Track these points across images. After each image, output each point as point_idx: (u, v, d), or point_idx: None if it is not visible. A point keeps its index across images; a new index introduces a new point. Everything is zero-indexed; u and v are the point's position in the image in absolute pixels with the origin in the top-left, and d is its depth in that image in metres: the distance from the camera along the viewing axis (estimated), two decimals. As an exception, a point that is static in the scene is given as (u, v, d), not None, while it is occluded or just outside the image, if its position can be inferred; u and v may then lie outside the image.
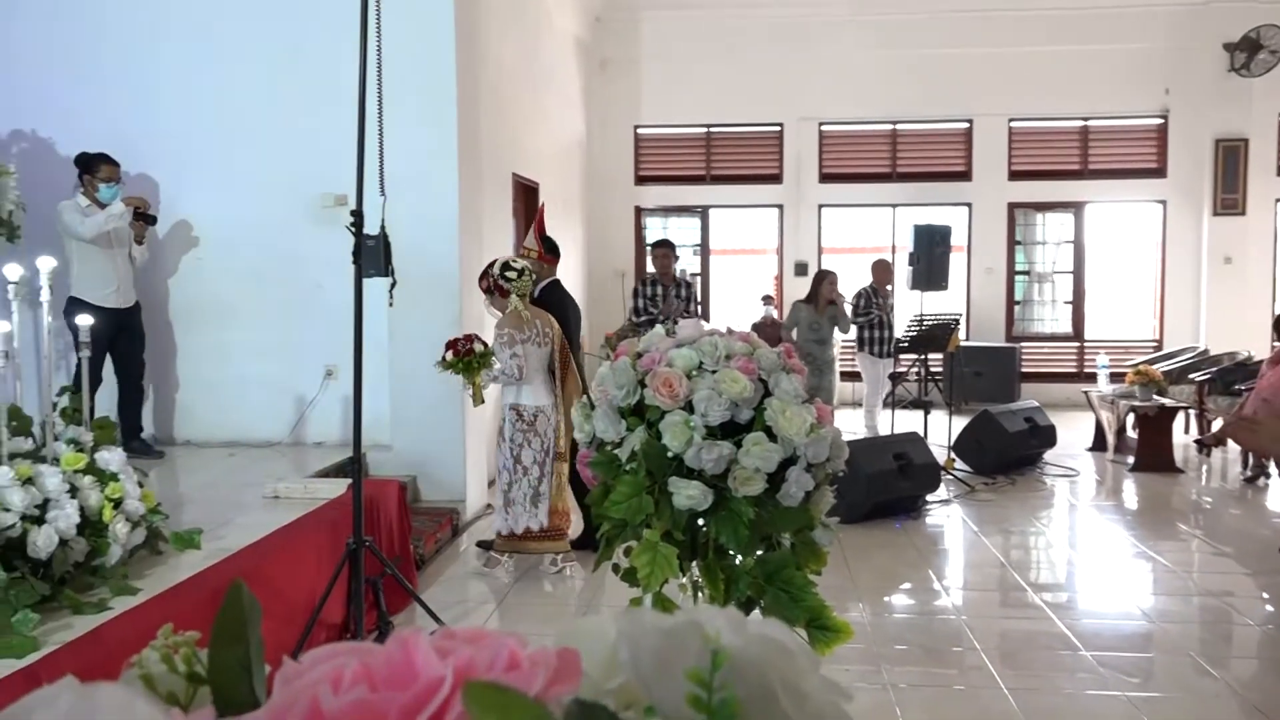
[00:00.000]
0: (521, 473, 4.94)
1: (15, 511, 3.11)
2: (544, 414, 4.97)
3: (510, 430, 4.95)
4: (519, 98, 7.92)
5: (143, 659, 0.46)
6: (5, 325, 3.39)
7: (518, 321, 4.89)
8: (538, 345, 4.93)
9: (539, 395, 4.97)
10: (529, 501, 4.94)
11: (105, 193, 5.77)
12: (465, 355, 4.71)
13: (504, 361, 4.83)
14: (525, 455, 4.94)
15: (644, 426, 1.99)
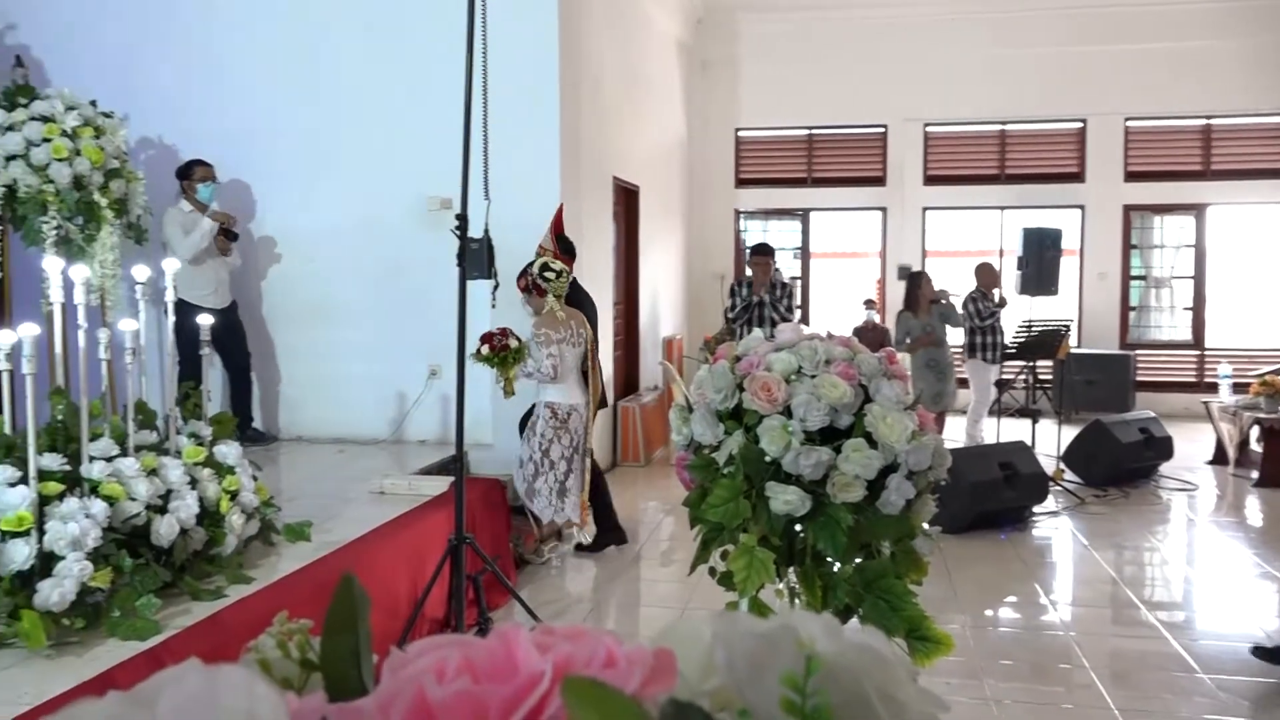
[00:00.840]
0: (549, 466, 5.08)
1: (140, 501, 3.27)
2: (577, 412, 5.12)
3: (542, 426, 5.08)
4: (620, 101, 7.98)
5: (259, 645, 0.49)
6: (133, 324, 3.57)
7: (554, 322, 5.00)
8: (573, 345, 5.06)
9: (573, 394, 5.11)
10: (554, 495, 5.08)
11: (203, 191, 6.07)
12: (500, 350, 4.84)
13: (540, 361, 4.95)
14: (554, 450, 5.08)
15: (742, 430, 1.98)
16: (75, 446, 3.27)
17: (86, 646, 2.96)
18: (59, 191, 5.35)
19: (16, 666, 2.83)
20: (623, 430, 8.03)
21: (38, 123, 5.34)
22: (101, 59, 6.46)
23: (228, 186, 6.35)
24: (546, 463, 5.07)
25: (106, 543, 3.09)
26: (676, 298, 10.65)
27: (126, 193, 5.76)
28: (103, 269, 5.56)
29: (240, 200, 6.48)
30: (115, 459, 3.32)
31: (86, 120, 5.53)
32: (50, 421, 3.35)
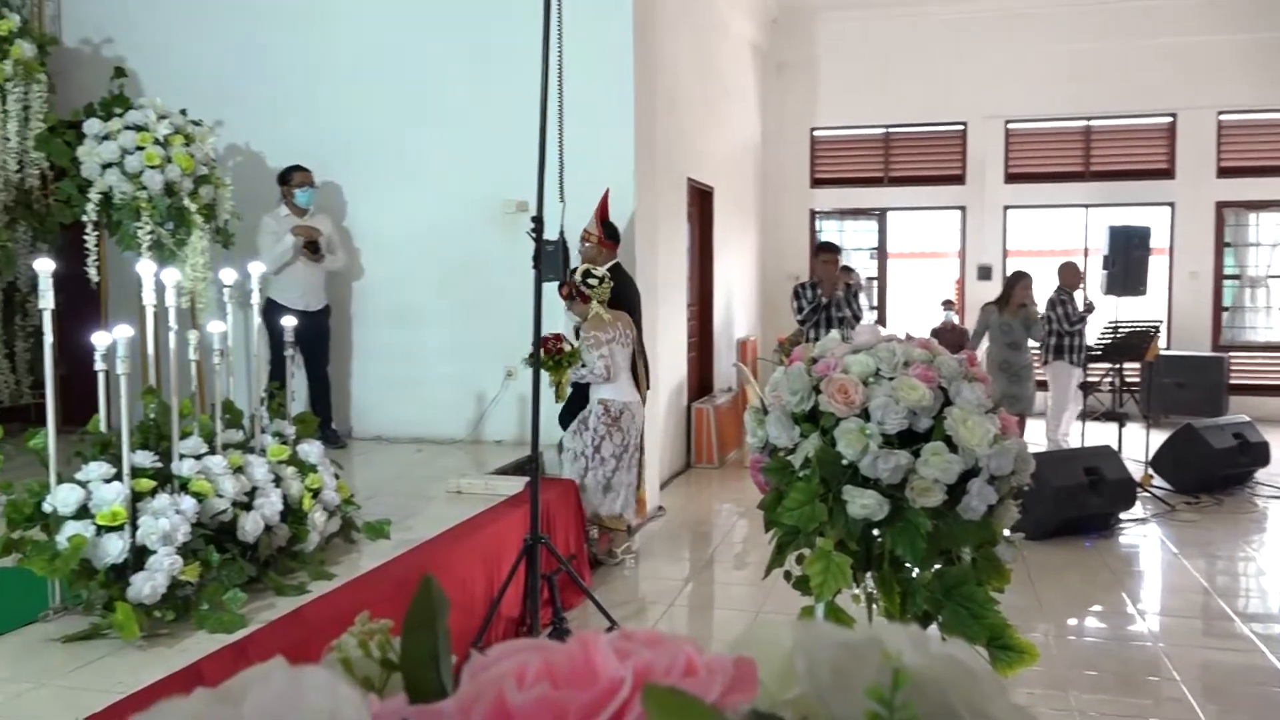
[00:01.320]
0: (599, 462, 5.14)
1: (227, 498, 3.37)
2: (629, 410, 5.19)
3: (594, 422, 5.14)
4: (694, 102, 7.97)
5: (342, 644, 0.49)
6: (221, 325, 3.68)
7: (601, 324, 5.09)
8: (622, 345, 5.16)
9: (626, 392, 5.20)
10: (600, 490, 5.15)
11: (300, 197, 6.22)
12: (554, 354, 4.97)
13: (592, 363, 5.04)
14: (605, 447, 5.14)
15: (818, 433, 1.96)
16: (166, 444, 3.38)
17: (176, 638, 3.05)
18: (151, 198, 5.54)
19: (111, 656, 2.93)
20: (696, 432, 8.01)
21: (131, 132, 5.54)
22: (193, 69, 6.67)
23: (321, 190, 6.50)
24: (597, 458, 5.15)
25: (195, 538, 3.19)
26: (750, 299, 10.60)
27: (215, 198, 5.95)
28: (193, 272, 5.74)
29: (330, 203, 6.62)
30: (204, 457, 3.42)
31: (177, 128, 5.72)
32: (143, 420, 3.47)
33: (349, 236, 6.68)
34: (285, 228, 6.18)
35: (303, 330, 6.18)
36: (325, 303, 6.41)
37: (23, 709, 2.63)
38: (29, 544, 3.05)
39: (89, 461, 3.17)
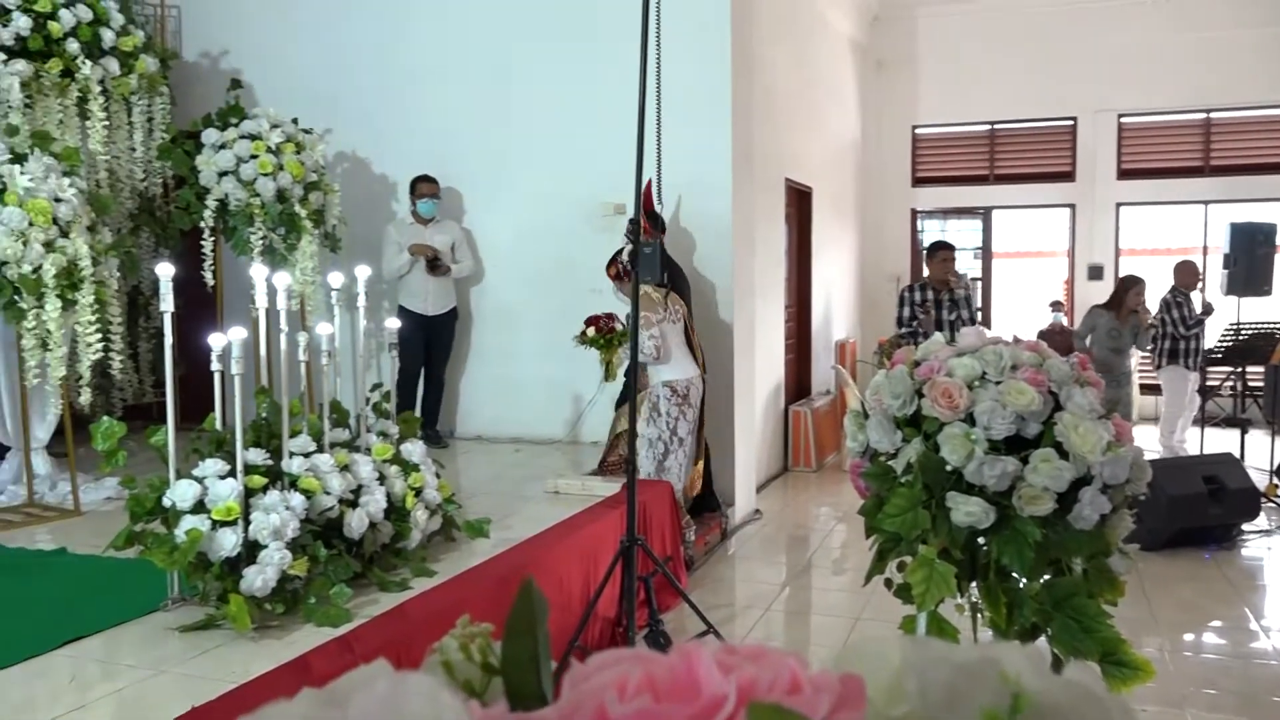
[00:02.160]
0: (678, 444, 5.15)
1: (334, 495, 3.47)
2: (694, 386, 5.21)
3: (665, 405, 5.13)
4: (792, 102, 7.89)
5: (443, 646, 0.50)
6: (329, 328, 3.79)
7: (650, 304, 5.06)
8: (672, 323, 5.15)
9: (686, 368, 5.20)
10: (684, 471, 5.18)
11: (423, 207, 6.37)
12: (606, 333, 5.01)
13: (642, 343, 4.98)
14: (681, 427, 5.16)
15: (921, 438, 1.91)
16: (277, 443, 3.49)
17: (285, 630, 3.15)
18: (264, 204, 5.75)
19: (225, 646, 3.05)
20: (794, 434, 7.93)
21: (246, 141, 5.76)
22: (303, 79, 6.89)
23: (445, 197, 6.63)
24: (675, 440, 5.17)
25: (304, 533, 3.29)
26: (850, 300, 10.44)
27: (324, 204, 6.13)
28: (302, 276, 5.93)
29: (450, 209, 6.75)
30: (312, 455, 3.52)
31: (289, 137, 5.92)
32: (255, 419, 3.59)
33: (475, 242, 6.79)
34: (406, 237, 6.36)
35: (427, 333, 6.40)
36: (450, 307, 6.57)
37: (144, 694, 2.75)
38: (150, 537, 3.18)
39: (205, 458, 3.30)
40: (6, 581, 3.70)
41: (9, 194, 4.26)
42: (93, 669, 2.93)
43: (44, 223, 4.32)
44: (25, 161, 4.44)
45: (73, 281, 4.45)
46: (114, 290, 5.03)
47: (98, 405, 5.34)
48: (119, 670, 2.91)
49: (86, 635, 3.12)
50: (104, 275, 4.75)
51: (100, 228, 4.83)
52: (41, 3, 5.13)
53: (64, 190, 4.49)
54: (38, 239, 4.30)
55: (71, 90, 5.39)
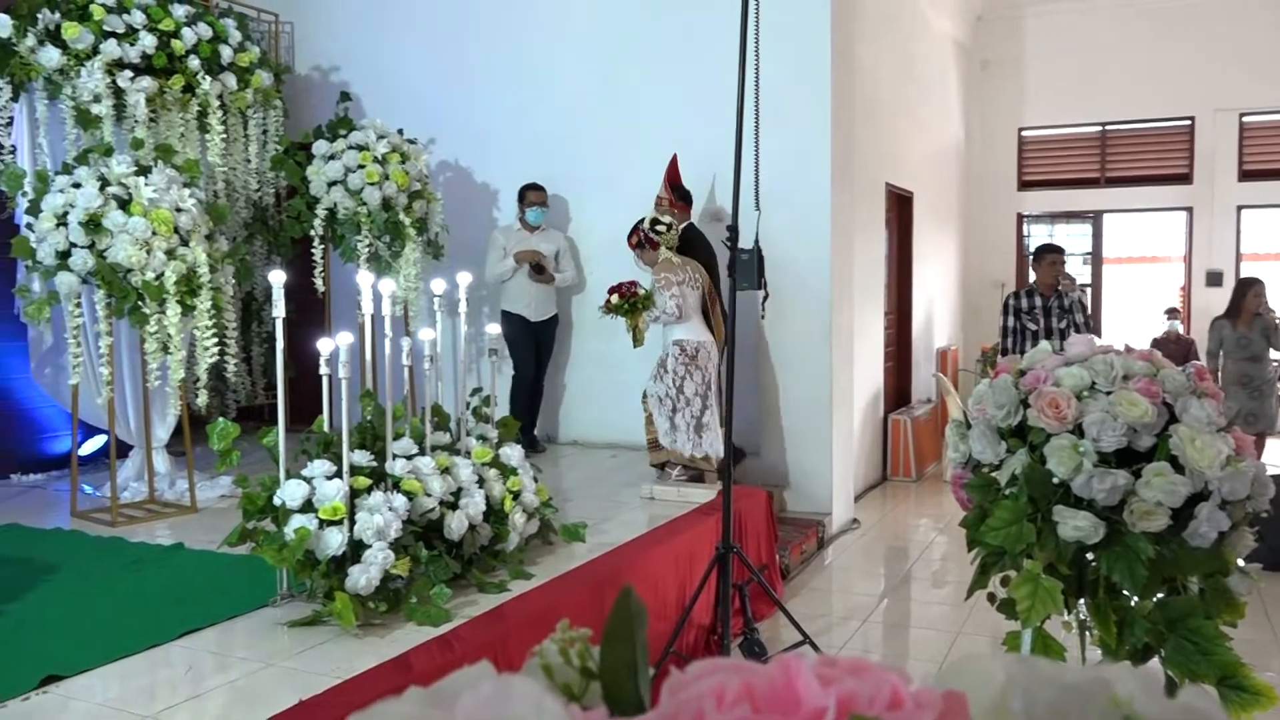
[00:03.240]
0: (684, 403, 5.27)
1: (435, 497, 3.54)
2: (704, 349, 5.31)
3: (673, 364, 5.29)
4: (893, 105, 7.77)
5: (543, 650, 0.50)
6: (431, 333, 3.87)
7: (670, 266, 5.30)
8: (692, 287, 5.31)
9: (699, 332, 5.33)
10: (692, 430, 5.25)
11: (531, 215, 6.46)
12: (630, 297, 5.17)
13: (664, 303, 5.21)
14: (687, 386, 5.27)
15: (1026, 449, 1.86)
16: (381, 445, 3.59)
17: (388, 628, 3.24)
18: (370, 213, 5.91)
19: (330, 642, 3.14)
20: (893, 444, 7.80)
21: (354, 151, 5.93)
22: (409, 90, 7.08)
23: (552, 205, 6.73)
24: (682, 399, 5.27)
25: (406, 534, 3.37)
26: (952, 307, 10.22)
27: (427, 212, 6.28)
28: (406, 283, 6.08)
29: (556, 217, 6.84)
30: (414, 457, 3.61)
31: (394, 147, 6.08)
32: (360, 421, 3.70)
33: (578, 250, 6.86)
34: (512, 243, 6.44)
35: (530, 337, 6.50)
36: (552, 314, 6.65)
37: (254, 686, 2.86)
38: (261, 534, 3.30)
39: (313, 459, 3.40)
40: (129, 575, 3.88)
41: (134, 204, 4.48)
42: (208, 660, 3.06)
43: (166, 232, 4.53)
44: (149, 173, 4.66)
45: (192, 288, 4.65)
46: (229, 296, 5.25)
47: (213, 406, 5.58)
48: (232, 662, 3.03)
49: (202, 628, 3.25)
50: (220, 282, 4.95)
51: (217, 236, 5.03)
52: (166, 22, 5.38)
53: (184, 201, 4.69)
54: (160, 247, 4.51)
55: (192, 105, 5.64)
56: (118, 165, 4.57)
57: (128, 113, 5.24)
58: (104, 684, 2.87)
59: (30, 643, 3.12)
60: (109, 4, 5.18)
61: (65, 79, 5.05)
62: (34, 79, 5.00)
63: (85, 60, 5.04)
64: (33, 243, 4.52)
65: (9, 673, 2.84)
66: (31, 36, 4.94)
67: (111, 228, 4.41)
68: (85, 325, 4.77)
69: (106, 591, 3.65)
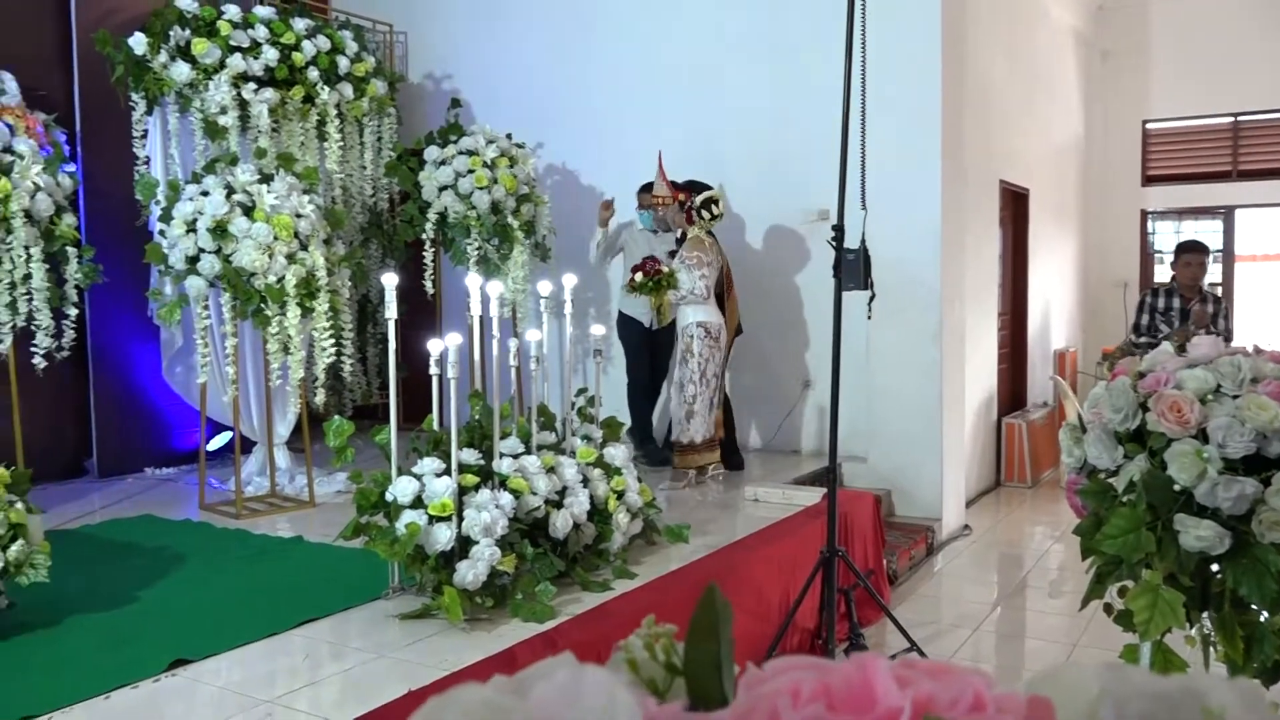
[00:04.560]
0: (705, 385, 5.33)
1: (541, 496, 3.59)
2: (722, 331, 5.46)
3: (699, 346, 5.32)
4: (1007, 99, 7.54)
5: (629, 644, 0.51)
6: (537, 334, 3.93)
7: (701, 246, 5.41)
8: (715, 269, 5.39)
9: (716, 314, 5.43)
10: (708, 412, 5.33)
11: (640, 218, 6.48)
12: (654, 275, 5.21)
13: (693, 283, 5.26)
14: (709, 369, 5.35)
15: (1145, 455, 1.78)
16: (488, 443, 3.66)
17: (494, 624, 3.30)
18: (480, 216, 6.04)
19: (438, 635, 3.22)
20: (1007, 448, 7.57)
21: (464, 156, 6.07)
22: (517, 97, 7.21)
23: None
24: (704, 381, 5.33)
25: (512, 531, 3.43)
26: (1070, 308, 9.86)
27: (535, 215, 6.38)
28: (514, 285, 6.19)
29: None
30: (521, 456, 3.67)
31: (503, 151, 6.20)
32: (469, 421, 3.78)
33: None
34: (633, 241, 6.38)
35: (642, 344, 6.52)
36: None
37: (366, 675, 2.95)
38: (374, 529, 3.41)
39: (423, 457, 3.49)
40: (252, 565, 4.05)
41: (257, 211, 4.68)
42: (324, 649, 3.17)
43: (287, 237, 4.71)
44: (271, 181, 4.85)
45: (310, 290, 4.83)
46: (346, 299, 5.44)
47: (330, 405, 5.78)
48: (346, 652, 3.13)
49: (318, 618, 3.37)
50: (337, 285, 5.13)
51: (334, 241, 5.21)
52: (287, 35, 5.61)
53: (304, 207, 4.87)
54: (281, 252, 4.70)
55: (311, 114, 5.86)
56: (242, 174, 4.78)
57: (252, 123, 5.47)
58: (228, 668, 3.00)
59: (161, 628, 3.28)
60: (235, 20, 5.42)
61: (194, 92, 5.30)
62: (166, 93, 5.26)
63: (213, 74, 5.29)
64: (165, 248, 4.76)
65: (141, 655, 3.00)
66: (164, 53, 5.21)
67: (236, 233, 4.61)
68: (212, 326, 4.99)
69: (231, 581, 3.82)
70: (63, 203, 4.79)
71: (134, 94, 5.24)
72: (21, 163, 4.53)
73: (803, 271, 6.27)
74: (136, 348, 5.85)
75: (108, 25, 5.40)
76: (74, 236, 4.82)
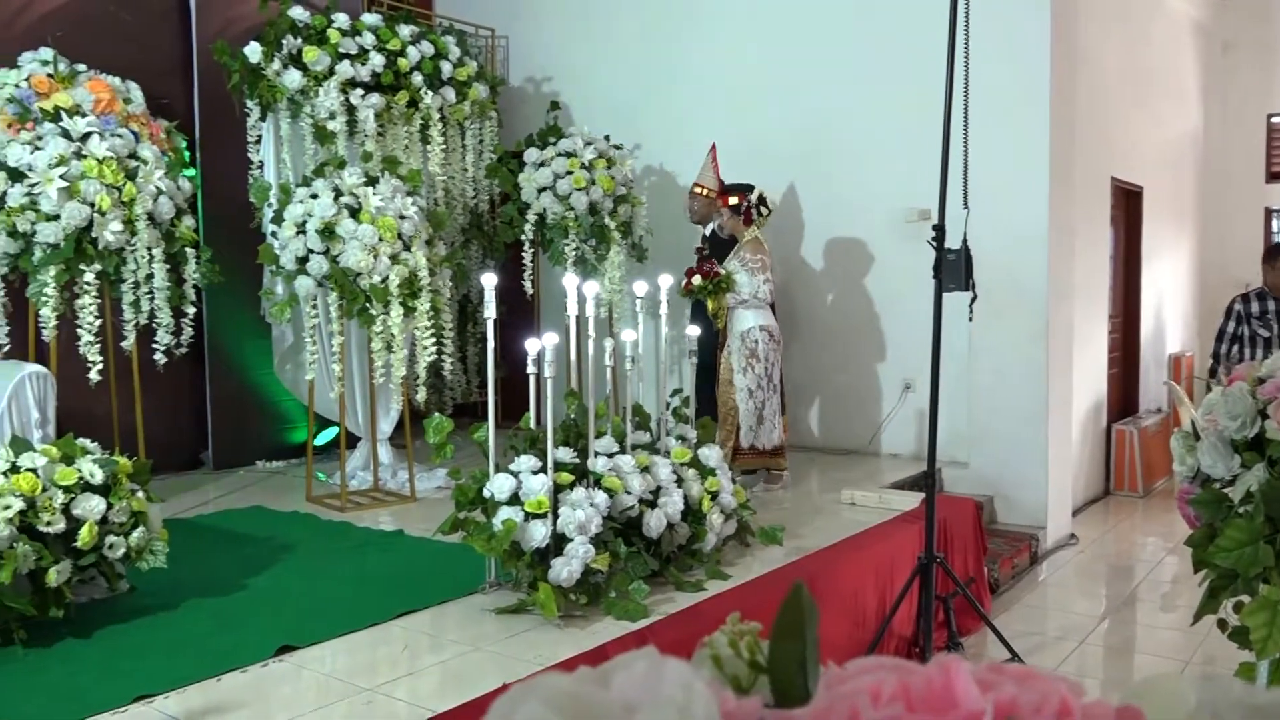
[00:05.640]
0: (772, 390, 5.23)
1: (634, 495, 3.61)
2: (780, 336, 5.38)
3: (764, 350, 5.21)
4: (1121, 93, 7.28)
5: (713, 641, 0.51)
6: (633, 334, 3.95)
7: (761, 248, 5.31)
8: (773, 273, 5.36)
9: (773, 318, 5.30)
10: (777, 416, 5.25)
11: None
12: (712, 278, 5.06)
13: (756, 287, 5.15)
14: (775, 373, 5.26)
15: (1264, 464, 1.70)
16: (584, 442, 3.69)
17: (588, 621, 3.33)
18: (578, 217, 6.10)
19: (533, 631, 3.27)
20: (1117, 456, 7.30)
21: (562, 158, 6.15)
22: (615, 98, 7.26)
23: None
24: (771, 386, 5.24)
25: (606, 530, 3.45)
26: (1186, 310, 9.45)
27: (631, 216, 6.42)
28: (610, 285, 6.24)
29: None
30: (615, 455, 3.70)
31: (600, 153, 6.26)
32: (565, 419, 3.82)
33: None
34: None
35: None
36: None
37: (463, 667, 3.01)
38: (471, 524, 3.47)
39: (520, 454, 3.55)
40: (355, 557, 4.17)
41: (363, 213, 4.82)
42: (423, 640, 3.24)
43: (391, 238, 4.84)
44: (377, 184, 4.99)
45: (413, 290, 4.95)
46: (447, 299, 5.55)
47: (431, 402, 5.92)
48: (444, 644, 3.20)
49: (417, 609, 3.45)
50: (439, 285, 5.25)
51: (436, 242, 5.33)
52: (394, 42, 5.76)
53: (407, 209, 5.00)
54: (385, 252, 4.82)
55: (415, 118, 6.01)
56: (349, 177, 4.92)
57: (359, 128, 5.64)
58: (332, 656, 3.10)
59: (269, 614, 3.41)
60: (344, 28, 5.59)
61: (305, 99, 5.49)
62: (279, 100, 5.46)
63: (323, 81, 5.47)
64: (276, 249, 4.94)
65: (250, 640, 3.12)
66: (277, 61, 5.40)
67: (343, 234, 4.76)
68: (320, 325, 5.16)
69: (335, 571, 3.94)
70: (183, 206, 5.01)
71: (249, 101, 5.45)
72: (145, 168, 4.76)
73: (902, 272, 6.15)
74: (250, 345, 6.08)
75: (225, 36, 5.63)
76: (193, 238, 5.03)
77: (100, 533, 3.18)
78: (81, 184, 4.47)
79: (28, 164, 4.46)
